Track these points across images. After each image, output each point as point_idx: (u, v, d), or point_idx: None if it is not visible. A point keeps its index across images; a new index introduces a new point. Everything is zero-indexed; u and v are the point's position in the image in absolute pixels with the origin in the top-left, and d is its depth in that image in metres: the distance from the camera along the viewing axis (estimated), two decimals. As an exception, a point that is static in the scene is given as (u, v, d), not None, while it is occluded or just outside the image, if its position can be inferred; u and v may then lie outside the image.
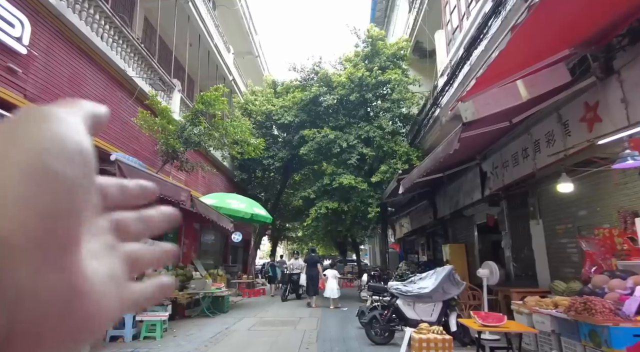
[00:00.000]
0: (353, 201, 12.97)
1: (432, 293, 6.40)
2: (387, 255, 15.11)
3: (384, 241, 14.80)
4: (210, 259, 18.95)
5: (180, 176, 11.09)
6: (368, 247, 39.56)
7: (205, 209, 8.28)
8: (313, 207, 13.24)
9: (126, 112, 8.13)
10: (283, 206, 21.28)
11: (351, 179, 12.64)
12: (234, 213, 10.76)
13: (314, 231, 14.84)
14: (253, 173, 17.63)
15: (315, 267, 12.14)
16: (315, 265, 12.17)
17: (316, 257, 12.81)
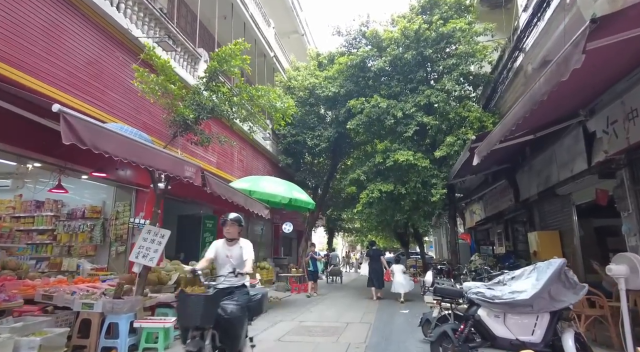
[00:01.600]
0: (412, 182, 10.79)
1: (534, 300, 4.21)
2: (457, 247, 12.69)
3: (452, 230, 12.42)
4: (260, 251, 17.86)
5: (210, 157, 9.77)
6: (433, 239, 36.48)
7: (225, 190, 6.75)
8: (364, 191, 11.28)
9: (131, 77, 6.83)
10: (334, 193, 19.51)
11: (409, 155, 10.47)
12: (269, 198, 9.21)
13: (367, 218, 12.87)
14: (301, 158, 16.05)
15: (378, 260, 11.98)
16: (378, 258, 12.03)
17: (379, 250, 12.77)
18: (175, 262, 9.37)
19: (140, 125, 7.22)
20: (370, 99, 11.15)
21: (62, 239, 9.33)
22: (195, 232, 11.68)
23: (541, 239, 9.71)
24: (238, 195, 7.38)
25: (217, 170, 10.04)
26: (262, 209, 8.77)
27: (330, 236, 29.66)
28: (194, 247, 11.61)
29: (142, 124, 7.29)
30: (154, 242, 5.84)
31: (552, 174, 8.96)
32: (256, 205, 8.42)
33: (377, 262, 11.95)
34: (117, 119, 6.46)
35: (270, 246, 19.27)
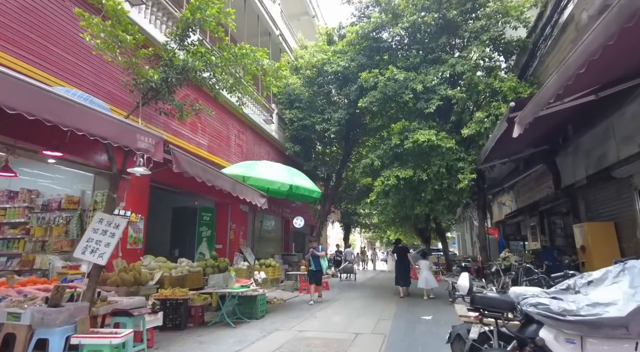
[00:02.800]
0: (435, 166, 9.29)
1: (632, 318, 2.73)
2: (488, 241, 11.11)
3: (482, 223, 10.83)
4: (270, 247, 16.64)
5: (200, 139, 8.53)
6: (456, 235, 34.59)
7: (202, 171, 5.47)
8: (379, 178, 9.83)
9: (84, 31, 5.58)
10: (348, 185, 18.09)
11: (431, 135, 8.97)
12: (267, 185, 7.92)
13: (382, 211, 11.41)
14: (310, 146, 14.68)
15: (405, 258, 11.74)
16: (405, 255, 11.82)
17: (405, 247, 12.64)
18: (161, 259, 8.19)
19: (105, 95, 6.02)
20: (385, 70, 9.67)
21: (36, 233, 8.26)
22: (191, 226, 10.51)
23: (592, 232, 8.10)
24: (222, 179, 6.09)
25: (208, 155, 8.81)
26: (257, 197, 7.48)
27: (346, 232, 28.24)
28: (189, 242, 10.46)
29: (107, 93, 6.09)
30: (105, 233, 4.61)
31: (607, 152, 7.34)
32: (249, 192, 7.13)
33: (404, 260, 11.72)
34: (67, 84, 5.26)
35: (280, 242, 18.03)
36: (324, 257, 9.98)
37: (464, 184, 8.75)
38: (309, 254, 10.09)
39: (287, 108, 13.17)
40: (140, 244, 8.21)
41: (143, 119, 6.98)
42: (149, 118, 7.01)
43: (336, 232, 34.47)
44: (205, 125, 8.71)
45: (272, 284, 12.12)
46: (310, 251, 10.09)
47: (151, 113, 7.10)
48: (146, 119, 6.95)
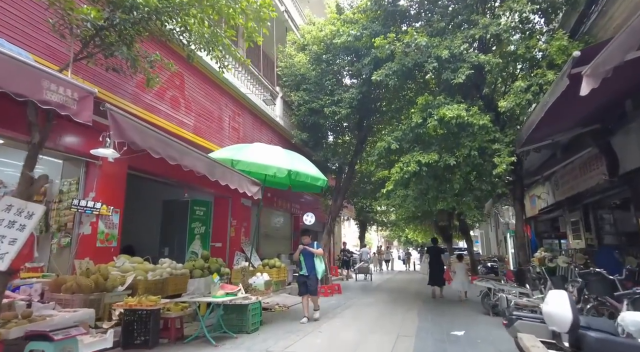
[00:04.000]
0: (465, 148, 7.73)
1: None
2: (527, 239, 9.49)
3: (519, 216, 9.17)
4: (276, 245, 15.31)
5: (184, 118, 7.21)
6: (478, 233, 32.58)
7: (161, 145, 4.13)
8: (397, 164, 8.33)
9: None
10: (362, 177, 16.57)
11: (460, 110, 7.42)
12: (260, 170, 6.54)
13: (401, 204, 9.86)
14: (319, 133, 13.24)
15: (439, 258, 11.60)
16: (439, 256, 11.68)
17: (439, 248, 12.45)
18: (137, 259, 6.92)
19: (43, 48, 4.73)
20: (403, 36, 8.14)
21: (-4, 229, 7.10)
22: (183, 222, 9.25)
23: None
24: (192, 157, 4.73)
25: (194, 137, 7.50)
26: (247, 184, 6.10)
27: (362, 230, 26.68)
28: (180, 240, 9.19)
29: (46, 47, 4.80)
30: (13, 225, 3.29)
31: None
32: (234, 178, 5.76)
33: (437, 260, 11.51)
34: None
35: (289, 240, 16.69)
36: (320, 256, 7.36)
37: (502, 169, 7.16)
38: (298, 251, 7.37)
39: (292, 90, 11.78)
40: (114, 241, 6.96)
41: (104, 88, 5.70)
42: (112, 86, 5.72)
43: (353, 230, 32.90)
44: (191, 102, 7.40)
45: (276, 288, 10.78)
46: (301, 248, 7.28)
47: (115, 81, 5.81)
48: (108, 87, 5.67)
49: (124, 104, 5.87)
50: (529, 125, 6.70)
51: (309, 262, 7.27)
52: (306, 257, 7.29)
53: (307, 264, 7.27)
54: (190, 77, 7.40)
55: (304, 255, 7.29)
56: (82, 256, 6.44)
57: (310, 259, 7.28)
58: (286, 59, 12.28)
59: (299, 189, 8.73)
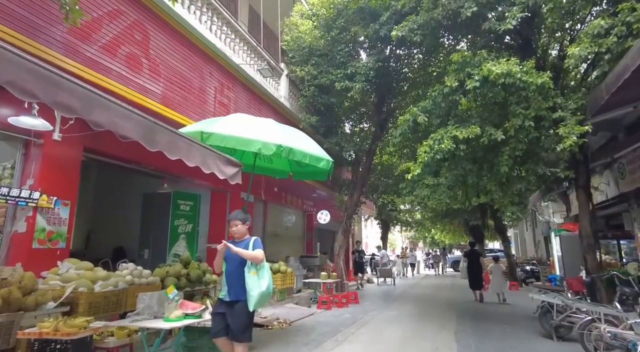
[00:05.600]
0: (517, 118, 5.81)
1: None
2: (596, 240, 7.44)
3: (585, 208, 7.07)
4: (287, 247, 13.64)
5: (149, 83, 5.59)
6: (512, 233, 29.88)
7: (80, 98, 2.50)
8: (425, 141, 6.47)
9: None
10: (382, 170, 14.68)
11: (511, 65, 5.53)
12: (238, 145, 4.83)
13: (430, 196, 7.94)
14: (335, 121, 11.49)
15: (477, 262, 11.46)
16: (477, 259, 11.56)
17: (477, 251, 12.52)
18: (87, 265, 5.35)
19: None
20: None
21: None
22: (164, 219, 7.70)
23: None
24: (113, 111, 3.08)
25: (163, 109, 5.87)
26: (219, 164, 4.43)
27: (384, 231, 24.70)
28: (161, 240, 7.64)
29: None
30: None
31: None
32: (197, 153, 4.09)
33: (476, 264, 11.41)
34: None
35: (302, 241, 14.99)
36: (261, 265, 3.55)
37: (571, 142, 5.20)
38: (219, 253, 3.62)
39: (299, 66, 10.08)
40: (61, 241, 5.41)
41: (20, 32, 4.15)
42: (32, 30, 4.17)
43: (375, 231, 30.82)
44: (158, 63, 5.82)
45: (281, 297, 9.10)
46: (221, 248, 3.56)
47: (36, 22, 4.26)
48: (26, 30, 4.12)
49: (51, 56, 4.32)
50: (616, 78, 4.74)
51: (234, 276, 3.52)
52: (231, 264, 3.57)
53: (230, 280, 3.56)
54: (159, 33, 5.84)
55: (228, 260, 3.61)
56: (14, 261, 4.92)
57: (237, 270, 3.50)
58: (292, 32, 10.61)
59: (301, 176, 7.00)
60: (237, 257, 3.49)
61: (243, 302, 3.45)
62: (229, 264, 3.62)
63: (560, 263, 14.60)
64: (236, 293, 3.51)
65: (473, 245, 13.09)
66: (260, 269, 3.54)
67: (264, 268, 3.59)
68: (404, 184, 9.46)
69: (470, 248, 12.62)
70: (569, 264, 13.87)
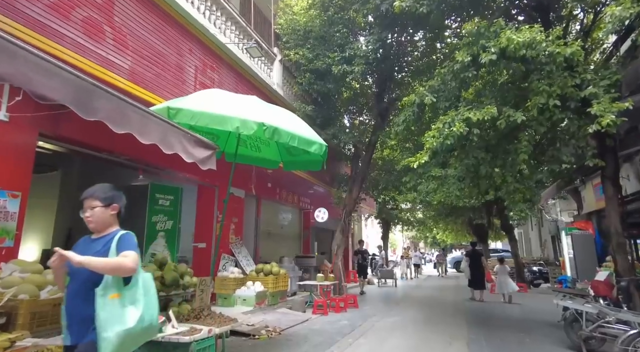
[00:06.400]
0: (540, 95, 5.01)
1: None
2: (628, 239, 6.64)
3: (613, 203, 6.23)
4: (282, 246, 12.84)
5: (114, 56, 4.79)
6: (516, 233, 29.00)
7: None
8: (434, 126, 5.67)
9: None
10: (384, 165, 13.88)
11: (534, 33, 4.74)
12: (213, 124, 4.02)
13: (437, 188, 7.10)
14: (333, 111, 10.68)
15: (479, 261, 11.59)
16: (479, 259, 11.70)
17: (479, 251, 12.83)
18: (37, 267, 4.56)
19: None
20: None
21: None
22: (141, 214, 6.91)
23: None
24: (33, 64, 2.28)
25: (130, 86, 5.07)
26: (186, 144, 3.65)
27: (385, 230, 23.87)
28: (137, 238, 6.83)
29: None
30: None
31: None
32: (155, 129, 3.30)
33: (478, 264, 11.53)
34: None
35: (298, 240, 14.17)
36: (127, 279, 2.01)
37: (608, 120, 4.39)
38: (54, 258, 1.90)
39: (292, 49, 9.27)
40: (8, 239, 4.62)
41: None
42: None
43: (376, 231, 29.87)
44: (125, 33, 5.02)
45: (273, 301, 8.30)
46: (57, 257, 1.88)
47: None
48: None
49: None
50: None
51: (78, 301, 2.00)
52: (75, 282, 2.04)
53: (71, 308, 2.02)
54: (127, 0, 5.06)
55: (71, 275, 2.05)
56: (-52, 261, 4.15)
57: (81, 291, 1.99)
58: (286, 15, 9.83)
59: (292, 167, 6.19)
60: (85, 269, 1.90)
61: (90, 344, 1.93)
62: (72, 283, 2.05)
63: (572, 264, 13.79)
64: (78, 332, 1.98)
65: (474, 245, 13.48)
66: (129, 288, 2.02)
67: (137, 285, 2.04)
68: (407, 178, 8.69)
69: (472, 248, 12.82)
70: (582, 264, 13.05)
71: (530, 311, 9.15)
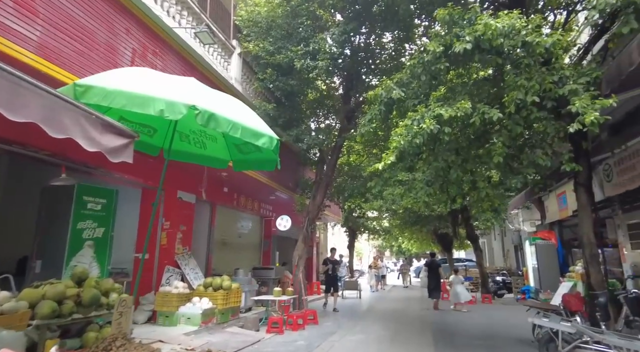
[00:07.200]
0: (518, 90, 4.54)
1: None
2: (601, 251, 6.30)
3: (586, 209, 5.82)
4: (241, 257, 11.91)
5: (17, 24, 3.86)
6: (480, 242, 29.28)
7: None
8: (402, 123, 5.09)
9: None
10: (350, 170, 13.31)
11: (513, 19, 4.28)
12: (130, 105, 3.21)
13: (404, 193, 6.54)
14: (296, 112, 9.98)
15: (437, 272, 11.87)
16: (436, 269, 11.94)
17: (437, 261, 12.99)
18: None
19: None
20: None
21: None
22: (64, 220, 5.86)
23: None
24: None
25: (40, 63, 4.14)
26: (89, 127, 2.78)
27: (351, 239, 23.32)
28: (58, 247, 5.78)
29: None
30: None
31: None
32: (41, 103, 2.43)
33: (436, 273, 11.86)
34: None
35: (257, 251, 13.25)
36: None
37: (592, 118, 3.95)
38: None
39: (252, 41, 8.54)
40: None
41: None
42: None
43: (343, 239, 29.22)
44: (36, 1, 4.11)
45: (223, 319, 7.39)
46: None
47: None
48: None
49: None
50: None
51: None
52: None
53: None
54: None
55: None
56: None
57: None
58: (248, 7, 9.10)
59: (243, 166, 5.40)
60: None
61: None
62: None
63: (536, 274, 13.71)
64: None
65: (433, 255, 14.02)
66: None
67: None
68: (372, 183, 8.10)
69: (431, 258, 13.17)
70: (545, 274, 12.97)
71: (500, 325, 8.74)
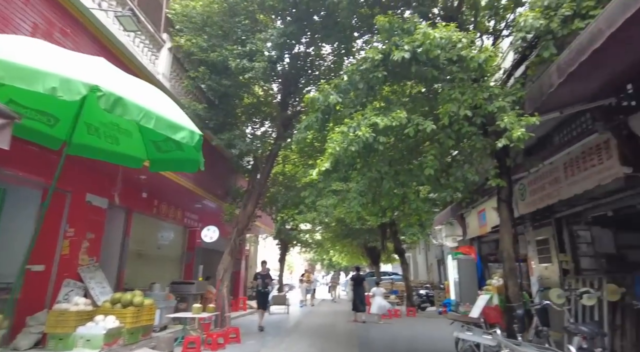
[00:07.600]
0: (452, 103, 4.60)
1: None
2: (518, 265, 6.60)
3: (507, 224, 6.10)
4: (158, 270, 10.84)
5: None
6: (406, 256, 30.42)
7: None
8: (336, 129, 4.90)
9: None
10: (283, 180, 13.00)
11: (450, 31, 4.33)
12: (11, 79, 2.60)
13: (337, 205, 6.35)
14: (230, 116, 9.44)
15: (361, 285, 12.27)
16: (361, 283, 12.37)
17: (362, 275, 13.52)
18: None
19: None
20: None
21: None
22: None
23: None
24: None
25: None
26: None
27: (283, 252, 22.85)
28: None
29: None
30: None
31: None
32: None
33: (361, 287, 12.19)
34: None
35: (178, 264, 12.19)
36: None
37: (519, 134, 4.09)
38: None
39: (184, 36, 7.94)
40: None
41: None
42: None
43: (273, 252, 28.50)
44: None
45: (132, 339, 6.48)
46: None
47: None
48: None
49: None
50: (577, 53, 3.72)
51: None
52: None
53: None
54: None
55: None
56: None
57: None
58: (182, 1, 8.51)
59: (160, 166, 4.79)
60: None
61: None
62: None
63: (457, 287, 14.38)
64: None
65: (358, 269, 14.32)
66: None
67: None
68: (306, 192, 7.83)
69: (356, 272, 13.46)
70: (465, 288, 13.64)
71: (424, 338, 8.88)
